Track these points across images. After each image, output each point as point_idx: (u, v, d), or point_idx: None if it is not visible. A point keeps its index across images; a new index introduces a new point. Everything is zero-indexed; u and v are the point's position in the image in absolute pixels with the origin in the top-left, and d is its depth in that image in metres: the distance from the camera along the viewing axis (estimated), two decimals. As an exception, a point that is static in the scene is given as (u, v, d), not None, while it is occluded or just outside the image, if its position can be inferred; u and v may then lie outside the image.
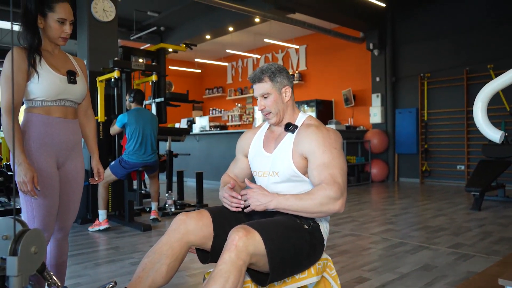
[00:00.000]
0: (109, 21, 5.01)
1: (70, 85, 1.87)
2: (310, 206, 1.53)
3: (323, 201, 1.53)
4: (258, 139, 1.88)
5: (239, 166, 1.94)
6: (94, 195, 4.59)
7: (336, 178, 1.56)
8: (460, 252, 3.23)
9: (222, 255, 1.38)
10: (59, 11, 1.80)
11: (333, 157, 1.61)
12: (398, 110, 8.67)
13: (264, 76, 1.74)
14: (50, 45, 1.88)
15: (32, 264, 0.96)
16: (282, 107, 1.77)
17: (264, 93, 1.75)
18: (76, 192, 2.01)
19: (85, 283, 2.66)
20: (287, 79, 1.77)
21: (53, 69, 1.83)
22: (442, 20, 8.03)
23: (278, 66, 1.77)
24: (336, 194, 1.53)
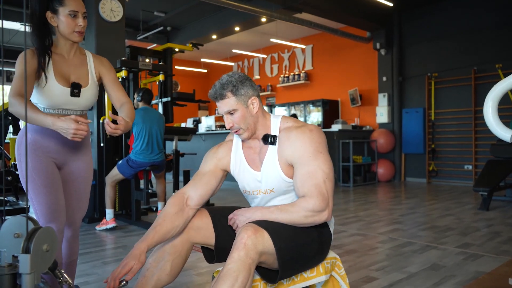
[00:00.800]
0: (117, 21, 5.04)
1: (72, 98, 1.80)
2: (296, 219, 1.50)
3: (307, 214, 1.49)
4: (237, 155, 1.73)
5: (205, 183, 1.69)
6: (101, 194, 4.62)
7: (320, 188, 1.50)
8: (468, 252, 3.21)
9: (231, 254, 1.38)
10: (69, 3, 1.73)
11: (318, 163, 1.53)
12: (405, 109, 8.63)
13: (226, 91, 1.58)
14: (65, 46, 1.81)
15: (44, 262, 0.96)
16: (252, 120, 1.62)
17: (230, 110, 1.59)
18: (82, 190, 2.00)
19: (94, 281, 2.68)
20: (252, 89, 1.62)
21: (58, 78, 1.77)
22: (449, 20, 7.98)
23: (239, 76, 1.61)
24: (320, 207, 1.49)
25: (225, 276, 1.35)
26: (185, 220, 1.62)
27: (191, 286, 2.57)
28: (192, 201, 1.66)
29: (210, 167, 1.75)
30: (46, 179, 1.82)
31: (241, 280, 1.34)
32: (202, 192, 1.68)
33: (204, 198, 1.69)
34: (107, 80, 1.95)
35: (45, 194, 1.81)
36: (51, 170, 1.85)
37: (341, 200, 6.23)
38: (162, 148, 4.52)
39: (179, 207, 1.62)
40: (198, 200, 1.67)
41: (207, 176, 1.72)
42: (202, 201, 1.69)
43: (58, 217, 1.83)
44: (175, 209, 1.61)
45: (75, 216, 1.99)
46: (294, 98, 11.16)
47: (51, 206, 1.82)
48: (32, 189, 1.80)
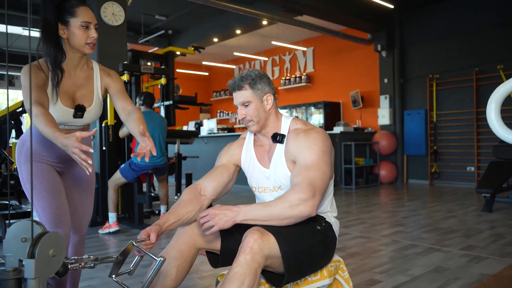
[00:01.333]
0: (118, 25, 5.05)
1: (75, 119, 1.78)
2: (279, 211, 1.44)
3: (293, 202, 1.44)
4: (248, 151, 1.79)
5: (218, 176, 1.75)
6: (104, 198, 4.62)
7: (313, 180, 1.48)
8: (472, 254, 3.20)
9: (237, 258, 1.38)
10: (81, 14, 1.67)
11: (317, 160, 1.54)
12: (406, 111, 8.62)
13: (244, 83, 1.65)
14: (72, 60, 1.75)
15: (50, 267, 0.96)
16: (264, 115, 1.69)
17: (245, 102, 1.66)
18: (85, 194, 2.00)
19: (97, 285, 2.68)
20: (269, 86, 1.70)
21: (62, 98, 1.72)
22: (450, 21, 7.98)
23: (258, 72, 1.69)
24: (307, 196, 1.44)
25: (231, 280, 1.34)
26: (200, 207, 1.68)
27: (194, 289, 2.57)
28: (206, 191, 1.73)
29: (223, 162, 1.82)
30: (47, 184, 1.81)
31: (247, 284, 1.34)
32: (215, 184, 1.74)
33: (217, 190, 1.74)
34: (113, 90, 1.88)
35: (47, 199, 1.80)
36: (52, 175, 1.85)
37: (343, 202, 6.22)
38: (164, 151, 4.53)
39: (193, 195, 1.69)
40: (211, 191, 1.73)
41: (219, 169, 1.78)
42: (216, 193, 1.74)
43: (62, 221, 1.83)
44: (189, 196, 1.68)
45: (81, 221, 1.99)
46: (296, 101, 11.17)
47: (54, 211, 1.81)
48: (34, 194, 1.80)
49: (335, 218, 1.74)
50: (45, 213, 1.80)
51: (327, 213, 1.71)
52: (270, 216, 1.44)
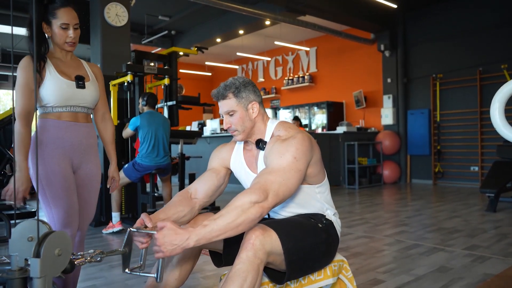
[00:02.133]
0: (122, 26, 5.07)
1: (78, 90, 1.89)
2: (232, 219, 1.33)
3: (245, 206, 1.35)
4: (238, 155, 1.77)
5: (208, 180, 1.74)
6: (107, 198, 4.63)
7: (270, 184, 1.41)
8: (476, 254, 3.20)
9: (239, 254, 1.38)
10: (60, 16, 1.82)
11: (284, 165, 1.47)
12: (410, 111, 8.60)
13: (228, 92, 1.62)
14: (61, 52, 1.92)
15: (56, 267, 0.97)
16: (250, 124, 1.65)
17: (229, 111, 1.63)
18: (92, 195, 2.04)
19: (101, 285, 2.69)
20: (254, 94, 1.65)
21: (62, 75, 1.86)
22: (454, 20, 7.96)
23: (243, 80, 1.65)
24: (257, 197, 1.37)
25: (234, 277, 1.34)
26: (191, 208, 1.67)
27: (198, 289, 2.57)
28: (197, 194, 1.72)
29: (213, 165, 1.81)
30: (64, 182, 1.86)
31: (249, 281, 1.34)
32: (206, 187, 1.72)
33: (208, 193, 1.73)
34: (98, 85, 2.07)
35: (63, 198, 1.84)
36: (69, 174, 1.89)
37: (346, 202, 6.22)
38: (167, 151, 4.54)
39: (184, 197, 1.69)
40: (203, 194, 1.72)
41: (209, 173, 1.77)
42: (207, 196, 1.72)
43: (73, 221, 1.86)
44: (180, 198, 1.68)
45: (84, 221, 2.01)
46: (299, 101, 11.17)
47: (67, 210, 1.85)
48: (50, 192, 1.83)
49: (334, 217, 1.73)
50: (58, 211, 1.83)
51: (327, 211, 1.71)
52: (224, 227, 1.33)
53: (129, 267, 1.42)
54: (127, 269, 1.41)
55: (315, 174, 1.65)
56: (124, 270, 1.42)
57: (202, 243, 1.34)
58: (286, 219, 1.60)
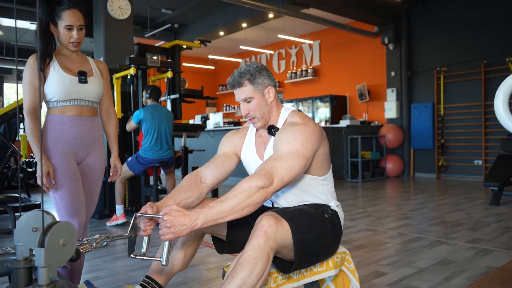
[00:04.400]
0: (125, 19, 5.06)
1: (81, 84, 1.96)
2: (237, 204, 1.37)
3: (251, 191, 1.38)
4: (249, 143, 1.78)
5: (219, 165, 1.75)
6: (111, 191, 4.66)
7: (276, 170, 1.43)
8: (479, 247, 3.20)
9: (250, 241, 1.38)
10: (65, 18, 1.90)
11: (291, 152, 1.48)
12: (413, 104, 8.57)
13: (244, 79, 1.63)
14: (66, 50, 2.00)
15: (61, 256, 0.98)
16: (267, 109, 1.67)
17: (246, 98, 1.64)
18: (94, 185, 2.10)
19: (105, 276, 2.71)
20: (268, 78, 1.67)
21: (65, 71, 1.94)
22: (458, 13, 7.90)
23: (257, 66, 1.66)
24: (263, 182, 1.39)
25: (244, 263, 1.34)
26: (199, 194, 1.67)
27: (200, 281, 2.59)
28: (206, 179, 1.71)
29: (225, 150, 1.81)
30: (68, 173, 1.92)
31: (259, 268, 1.34)
32: (216, 173, 1.72)
33: (218, 179, 1.73)
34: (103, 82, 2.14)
35: (67, 188, 1.90)
36: (72, 165, 1.95)
37: (349, 195, 6.22)
38: (171, 144, 4.55)
39: (193, 181, 1.68)
40: (212, 179, 1.71)
41: (221, 158, 1.77)
42: (216, 181, 1.72)
43: (79, 211, 1.92)
44: (189, 183, 1.67)
45: (87, 209, 2.06)
46: (302, 94, 11.14)
47: (72, 200, 1.91)
48: (55, 184, 1.89)
49: (338, 208, 1.74)
50: (63, 201, 1.90)
51: (330, 202, 1.72)
52: (230, 210, 1.36)
53: (134, 252, 1.45)
54: (133, 254, 1.44)
55: (320, 166, 1.65)
56: (130, 255, 1.44)
57: (209, 224, 1.36)
58: (297, 209, 1.61)
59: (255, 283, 1.34)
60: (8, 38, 9.89)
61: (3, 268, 1.24)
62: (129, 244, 1.45)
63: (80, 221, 1.92)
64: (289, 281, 1.60)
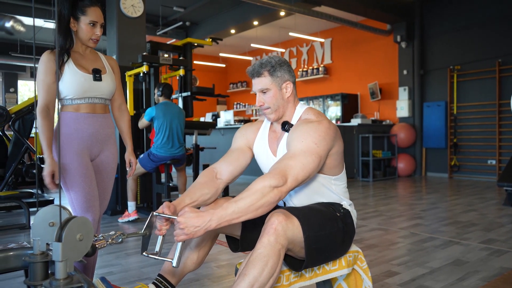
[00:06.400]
0: (138, 17, 5.09)
1: (95, 82, 1.98)
2: (252, 202, 1.36)
3: (265, 190, 1.37)
4: (262, 136, 1.78)
5: (234, 160, 1.75)
6: (123, 188, 4.70)
7: (289, 169, 1.42)
8: (492, 248, 3.16)
9: (260, 239, 1.39)
10: (90, 14, 1.92)
11: (304, 150, 1.47)
12: (426, 103, 8.49)
13: (263, 70, 1.63)
14: (81, 47, 2.00)
15: (78, 251, 0.99)
16: (282, 103, 1.66)
17: (263, 89, 1.64)
18: (107, 181, 2.13)
19: (118, 272, 2.74)
20: (288, 74, 1.67)
21: (79, 69, 1.94)
22: (472, 10, 7.79)
23: (279, 59, 1.67)
24: (277, 182, 1.38)
25: (255, 261, 1.35)
26: (215, 190, 1.67)
27: (212, 278, 2.60)
28: (222, 175, 1.72)
29: (239, 145, 1.80)
30: (83, 170, 1.94)
31: (270, 265, 1.34)
32: (231, 168, 1.72)
33: (233, 174, 1.73)
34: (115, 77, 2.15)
35: (81, 184, 1.93)
36: (86, 161, 1.98)
37: (360, 194, 6.19)
38: (182, 142, 4.57)
39: (209, 178, 1.69)
40: (228, 175, 1.72)
41: (236, 153, 1.77)
42: (232, 177, 1.73)
43: (93, 206, 1.95)
44: (205, 179, 1.68)
45: (100, 205, 2.08)
46: (313, 92, 11.10)
47: (86, 196, 1.94)
48: (69, 179, 1.93)
49: (351, 207, 1.73)
50: (77, 196, 1.92)
51: (342, 201, 1.71)
52: (245, 210, 1.36)
53: (147, 250, 1.46)
54: (146, 252, 1.45)
55: (333, 165, 1.65)
56: (142, 253, 1.45)
57: (223, 225, 1.36)
58: (308, 207, 1.60)
59: (267, 280, 1.34)
60: (22, 36, 10.02)
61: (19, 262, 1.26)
62: (143, 242, 1.46)
63: (94, 217, 1.94)
64: (302, 279, 1.60)
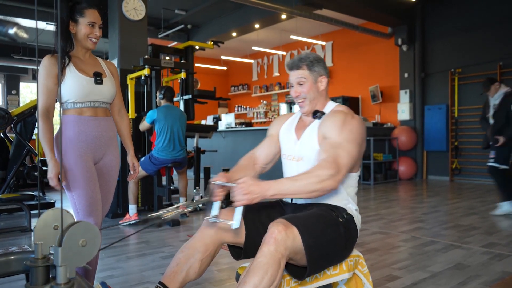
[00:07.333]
0: (139, 20, 5.11)
1: (97, 85, 2.01)
2: (308, 186, 1.46)
3: (321, 178, 1.47)
4: (291, 122, 1.91)
5: (268, 145, 1.92)
6: (124, 190, 4.70)
7: (339, 158, 1.53)
8: (494, 252, 3.15)
9: (261, 248, 1.40)
10: (89, 15, 1.98)
11: (346, 140, 1.59)
12: (427, 106, 8.48)
13: (302, 64, 1.76)
14: (81, 51, 2.03)
15: (80, 257, 0.98)
16: (317, 95, 1.78)
17: (300, 80, 1.77)
18: (110, 184, 2.14)
19: (118, 275, 2.74)
20: (324, 70, 1.79)
21: (81, 72, 1.97)
22: (473, 13, 7.80)
23: (316, 56, 1.80)
24: (333, 171, 1.48)
25: (255, 270, 1.36)
26: (254, 173, 1.85)
27: (213, 281, 2.60)
28: (258, 160, 1.90)
29: (272, 132, 1.96)
30: (86, 172, 1.95)
31: (270, 274, 1.35)
32: (266, 152, 1.91)
33: (268, 158, 1.91)
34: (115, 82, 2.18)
35: (84, 187, 1.93)
36: (89, 165, 1.99)
37: (361, 198, 6.18)
38: (184, 145, 4.57)
39: (248, 162, 1.88)
40: (264, 159, 1.90)
41: (268, 139, 1.94)
42: (267, 160, 1.90)
43: (95, 210, 1.96)
44: (246, 163, 1.87)
45: (103, 208, 2.08)
46: (314, 95, 11.08)
47: (89, 199, 1.94)
48: (72, 182, 1.93)
49: (356, 212, 1.73)
50: (80, 200, 1.93)
51: (349, 204, 1.72)
52: (299, 190, 1.47)
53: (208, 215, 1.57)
54: (208, 217, 1.57)
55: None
56: (205, 218, 1.59)
57: (277, 197, 1.49)
58: (308, 213, 1.61)
59: None
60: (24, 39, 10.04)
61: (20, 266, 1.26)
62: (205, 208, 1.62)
63: (96, 221, 1.94)
64: (302, 284, 1.60)
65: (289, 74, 1.83)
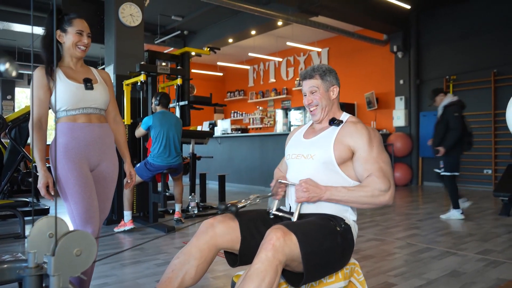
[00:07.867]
0: (136, 26, 5.11)
1: (88, 91, 2.01)
2: (361, 198, 1.61)
3: (375, 193, 1.61)
4: (300, 131, 1.98)
5: (285, 162, 1.99)
6: (119, 197, 4.67)
7: (385, 172, 1.65)
8: (489, 259, 3.16)
9: (258, 254, 1.39)
10: (77, 24, 2.02)
11: (380, 153, 1.71)
12: (422, 113, 8.52)
13: (315, 74, 1.85)
14: (72, 60, 2.05)
15: (74, 266, 0.96)
16: (328, 103, 1.86)
17: (313, 89, 1.84)
18: (108, 191, 2.12)
19: (113, 283, 2.71)
20: (336, 80, 1.90)
21: (71, 80, 1.99)
22: (468, 21, 7.87)
23: (328, 67, 1.90)
24: (386, 187, 1.62)
25: (252, 276, 1.36)
26: None
27: (208, 289, 2.58)
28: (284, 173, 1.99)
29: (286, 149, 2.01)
30: (81, 178, 1.93)
31: (268, 281, 1.35)
32: (285, 168, 1.97)
33: None
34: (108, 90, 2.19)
35: (80, 194, 1.92)
36: (85, 171, 1.97)
37: (357, 204, 6.17)
38: (179, 151, 4.56)
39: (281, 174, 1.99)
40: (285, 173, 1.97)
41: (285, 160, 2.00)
42: None
43: (92, 217, 1.94)
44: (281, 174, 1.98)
45: (100, 215, 2.06)
46: (310, 101, 11.10)
47: (86, 206, 1.92)
48: (68, 190, 1.92)
49: (353, 222, 1.74)
50: (77, 206, 1.91)
51: (346, 214, 1.72)
52: (352, 200, 1.63)
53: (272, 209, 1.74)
54: (271, 210, 1.74)
55: None
56: (268, 211, 1.75)
57: (331, 201, 1.65)
58: (307, 221, 1.61)
59: None
60: (20, 43, 10.03)
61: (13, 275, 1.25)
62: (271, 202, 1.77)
63: (94, 229, 1.93)
64: (298, 292, 1.59)
65: (302, 85, 1.91)
